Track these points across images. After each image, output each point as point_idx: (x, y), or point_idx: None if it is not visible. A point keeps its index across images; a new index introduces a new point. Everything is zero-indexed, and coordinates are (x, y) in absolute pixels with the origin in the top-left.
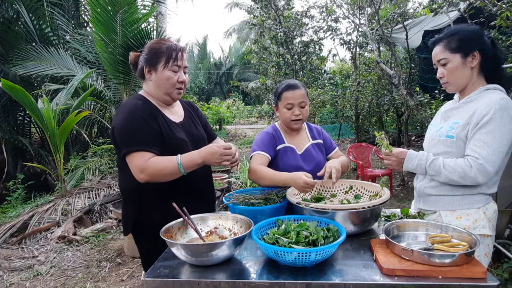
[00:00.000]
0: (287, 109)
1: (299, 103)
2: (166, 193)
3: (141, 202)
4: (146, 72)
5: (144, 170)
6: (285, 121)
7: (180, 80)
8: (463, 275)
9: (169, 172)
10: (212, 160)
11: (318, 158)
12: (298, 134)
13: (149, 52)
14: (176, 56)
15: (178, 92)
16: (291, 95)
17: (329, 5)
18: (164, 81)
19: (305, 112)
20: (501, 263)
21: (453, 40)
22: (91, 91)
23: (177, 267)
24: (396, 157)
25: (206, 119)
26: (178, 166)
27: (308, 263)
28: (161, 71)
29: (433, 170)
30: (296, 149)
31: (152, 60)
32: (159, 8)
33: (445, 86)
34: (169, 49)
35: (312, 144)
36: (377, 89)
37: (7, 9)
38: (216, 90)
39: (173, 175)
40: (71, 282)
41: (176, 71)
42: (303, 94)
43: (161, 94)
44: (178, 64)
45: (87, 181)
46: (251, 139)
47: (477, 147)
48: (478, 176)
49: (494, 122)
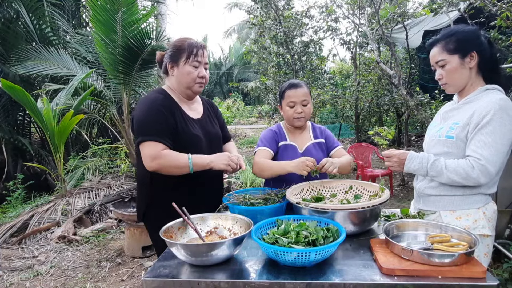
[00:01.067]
0: (290, 107)
1: (301, 101)
2: (178, 182)
3: (151, 190)
4: (169, 68)
5: (156, 159)
6: (288, 119)
7: (200, 75)
8: (463, 275)
9: (179, 166)
10: (219, 162)
11: (318, 157)
12: (301, 133)
13: (172, 49)
14: (196, 52)
15: (199, 86)
16: (293, 94)
17: (329, 5)
18: (185, 75)
19: (308, 110)
20: (501, 263)
21: (451, 41)
22: (91, 91)
23: (177, 267)
24: (397, 159)
25: (223, 120)
26: (188, 162)
27: (307, 263)
28: (182, 66)
29: (435, 171)
30: (298, 147)
31: (175, 56)
32: (159, 8)
33: (444, 88)
34: (190, 45)
35: (313, 143)
36: (377, 89)
37: (7, 9)
38: (216, 90)
39: (181, 169)
40: (71, 282)
41: (197, 67)
42: (305, 93)
43: (183, 88)
44: (198, 60)
45: (87, 181)
46: (251, 139)
47: (479, 148)
48: (481, 177)
49: (495, 122)
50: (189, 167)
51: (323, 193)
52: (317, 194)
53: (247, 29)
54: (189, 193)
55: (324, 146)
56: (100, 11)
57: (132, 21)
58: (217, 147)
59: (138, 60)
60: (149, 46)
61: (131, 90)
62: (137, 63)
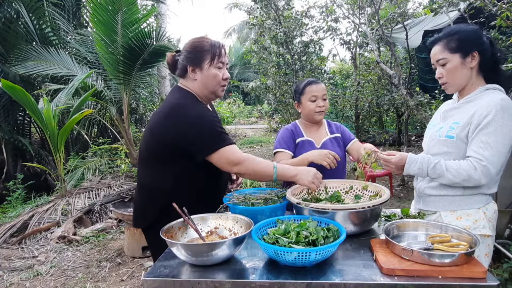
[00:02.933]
0: (312, 101)
1: (322, 95)
2: (198, 196)
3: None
4: (190, 71)
5: (242, 162)
6: (309, 113)
7: (224, 77)
8: (463, 275)
9: (262, 174)
10: (304, 178)
11: (334, 151)
12: (317, 129)
13: (192, 50)
14: (220, 53)
15: (222, 90)
16: (315, 89)
17: (329, 5)
18: (211, 78)
19: (327, 105)
20: (501, 263)
21: (453, 40)
22: (92, 91)
23: (177, 267)
24: (395, 164)
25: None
26: (272, 171)
27: (308, 263)
28: (207, 69)
29: (436, 174)
30: (315, 142)
31: (197, 59)
32: (159, 8)
33: (444, 87)
34: (213, 46)
35: (329, 138)
36: (377, 89)
37: (7, 9)
38: None
39: (263, 178)
40: (71, 282)
41: (221, 68)
42: (324, 88)
43: (207, 92)
44: (222, 61)
45: (87, 181)
46: (251, 139)
47: (480, 149)
48: (482, 178)
49: (496, 122)
50: (273, 176)
51: (324, 194)
52: (317, 194)
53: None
54: (206, 202)
55: (340, 140)
56: (100, 11)
57: (132, 21)
58: None
59: (138, 60)
60: (151, 46)
61: (131, 90)
62: (138, 63)
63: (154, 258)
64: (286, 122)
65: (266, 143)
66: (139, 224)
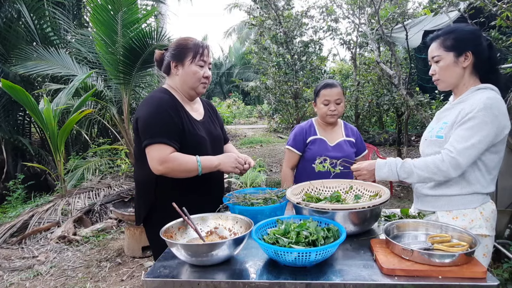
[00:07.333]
0: (324, 105)
1: (335, 100)
2: (183, 188)
3: (156, 194)
4: (173, 67)
5: (164, 162)
6: (321, 116)
7: (205, 75)
8: (463, 275)
9: (188, 169)
10: (227, 163)
11: (348, 152)
12: (332, 129)
13: (177, 48)
14: (202, 52)
15: (203, 87)
16: (328, 93)
17: (329, 5)
18: (191, 75)
19: (340, 109)
20: (501, 263)
21: (449, 38)
22: (92, 91)
23: (177, 267)
24: (366, 171)
25: (223, 121)
26: (197, 165)
27: (308, 263)
28: (188, 66)
29: (405, 173)
30: (328, 141)
31: (180, 56)
32: (159, 7)
33: (437, 83)
34: (196, 45)
35: (344, 139)
36: (377, 89)
37: (8, 8)
38: (216, 90)
39: (190, 172)
40: (71, 282)
41: (202, 66)
42: (339, 92)
43: (187, 88)
44: (204, 60)
45: (87, 181)
46: (251, 139)
47: (455, 141)
48: (450, 169)
49: (476, 119)
50: (198, 170)
51: (324, 193)
52: (317, 194)
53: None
54: (196, 196)
55: (354, 145)
56: (101, 11)
57: (132, 21)
58: (219, 148)
59: (139, 60)
60: (151, 46)
61: (131, 90)
62: (138, 63)
63: (154, 254)
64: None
65: (266, 143)
66: (137, 221)
